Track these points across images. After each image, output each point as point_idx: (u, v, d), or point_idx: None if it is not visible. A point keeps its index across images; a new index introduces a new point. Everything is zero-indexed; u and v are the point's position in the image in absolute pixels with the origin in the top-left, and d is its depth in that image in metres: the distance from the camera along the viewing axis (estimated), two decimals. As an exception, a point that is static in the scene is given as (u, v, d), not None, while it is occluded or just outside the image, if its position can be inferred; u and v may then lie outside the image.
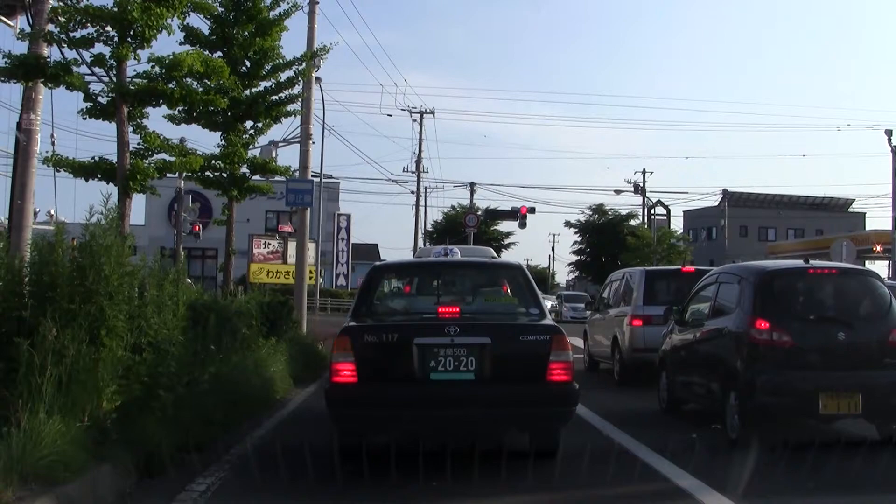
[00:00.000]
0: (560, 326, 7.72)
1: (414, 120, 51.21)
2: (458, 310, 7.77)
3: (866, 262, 64.67)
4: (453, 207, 61.87)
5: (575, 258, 66.62)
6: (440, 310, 7.84)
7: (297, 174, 19.48)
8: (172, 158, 12.42)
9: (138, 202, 40.71)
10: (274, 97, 15.99)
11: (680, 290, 13.73)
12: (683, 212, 77.33)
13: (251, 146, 16.50)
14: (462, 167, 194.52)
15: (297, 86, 16.11)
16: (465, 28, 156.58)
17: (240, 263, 55.44)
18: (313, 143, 19.16)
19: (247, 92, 15.69)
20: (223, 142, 15.77)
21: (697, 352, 10.30)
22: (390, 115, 63.23)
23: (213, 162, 15.81)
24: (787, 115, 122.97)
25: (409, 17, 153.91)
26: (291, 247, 47.23)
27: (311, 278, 47.92)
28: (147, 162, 11.60)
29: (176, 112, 14.25)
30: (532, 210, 47.82)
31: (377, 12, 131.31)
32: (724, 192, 55.14)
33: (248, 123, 16.15)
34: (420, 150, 51.22)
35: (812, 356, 8.69)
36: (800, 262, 9.93)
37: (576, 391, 7.47)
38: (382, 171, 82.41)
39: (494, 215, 50.37)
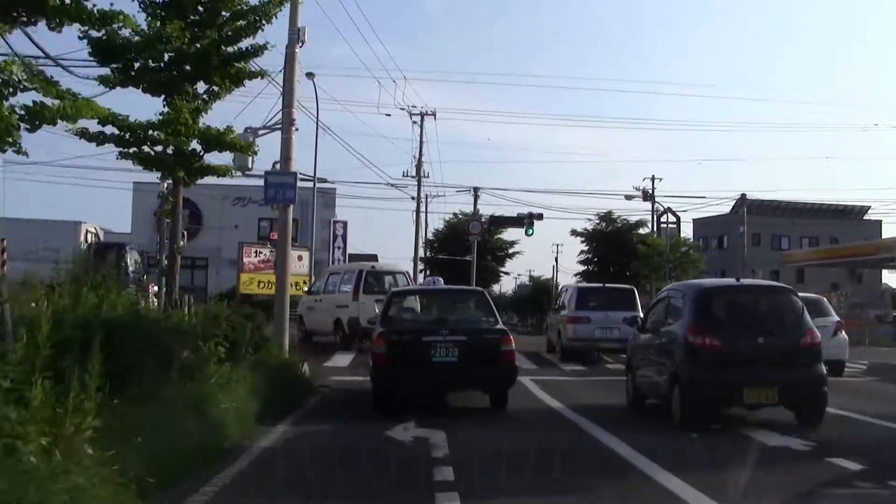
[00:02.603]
0: (507, 329, 12.66)
1: (414, 122, 48.29)
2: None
3: (884, 271, 62.49)
4: (455, 215, 59.00)
5: (581, 268, 63.57)
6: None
7: (278, 167, 16.70)
8: (55, 101, 8.68)
9: (122, 207, 37.99)
10: (231, 48, 12.59)
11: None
12: (693, 220, 74.77)
13: (203, 113, 12.89)
14: (464, 172, 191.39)
15: (261, 31, 12.72)
16: (466, 40, 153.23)
17: (229, 274, 52.79)
18: (297, 129, 16.33)
19: (198, 45, 12.17)
20: (166, 107, 12.30)
21: (652, 355, 12.05)
22: (389, 115, 58.90)
23: (153, 133, 12.36)
24: (807, 114, 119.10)
25: (410, 31, 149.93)
26: (284, 255, 44.58)
27: (302, 289, 45.12)
28: (9, 105, 8.20)
29: (108, 72, 11.26)
30: (539, 216, 45.09)
31: (375, 24, 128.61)
32: (742, 196, 51.64)
33: (201, 87, 12.78)
34: (420, 154, 48.24)
35: (738, 357, 10.53)
36: (731, 280, 13.23)
37: (517, 369, 12.43)
38: (381, 175, 78.74)
39: (499, 222, 47.42)
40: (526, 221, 44.71)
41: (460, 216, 57.80)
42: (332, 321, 22.71)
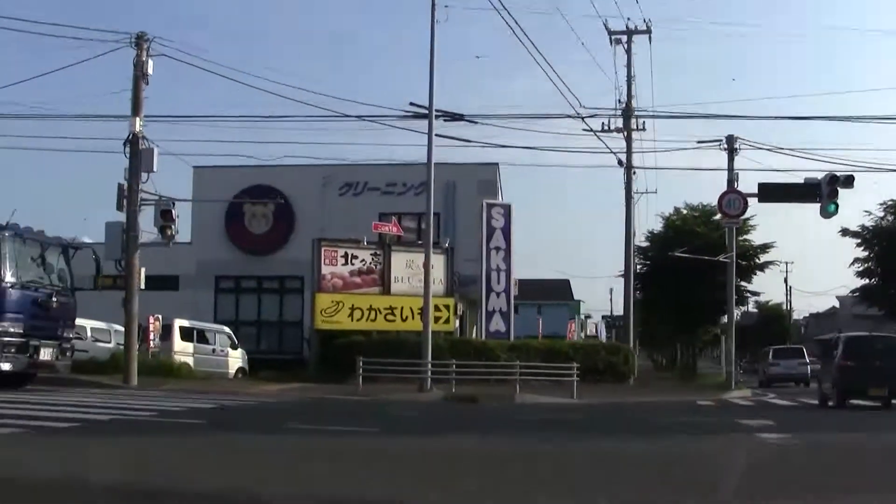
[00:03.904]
0: None
1: (616, 41, 29.66)
2: None
3: None
4: (677, 209, 39.44)
5: (859, 282, 42.40)
6: None
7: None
8: None
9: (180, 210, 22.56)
10: None
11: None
12: None
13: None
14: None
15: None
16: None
17: (294, 299, 34.48)
18: None
19: None
20: None
21: (826, 372, 22.79)
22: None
23: None
24: None
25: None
26: (399, 262, 25.71)
27: (441, 320, 25.64)
28: None
29: None
30: (849, 180, 24.86)
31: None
32: None
33: None
34: (630, 94, 29.48)
35: (865, 372, 20.33)
36: (867, 333, 27.20)
37: None
38: (572, 104, 48.72)
39: (775, 193, 26.86)
40: (825, 189, 24.62)
41: (686, 211, 38.48)
42: None
